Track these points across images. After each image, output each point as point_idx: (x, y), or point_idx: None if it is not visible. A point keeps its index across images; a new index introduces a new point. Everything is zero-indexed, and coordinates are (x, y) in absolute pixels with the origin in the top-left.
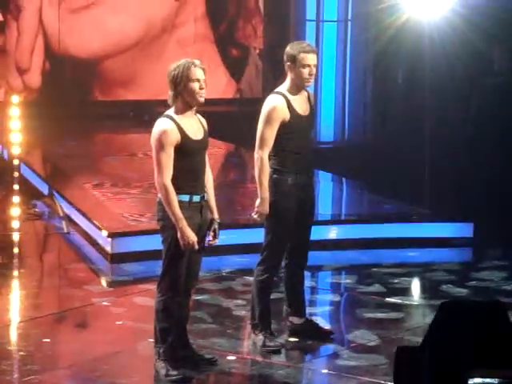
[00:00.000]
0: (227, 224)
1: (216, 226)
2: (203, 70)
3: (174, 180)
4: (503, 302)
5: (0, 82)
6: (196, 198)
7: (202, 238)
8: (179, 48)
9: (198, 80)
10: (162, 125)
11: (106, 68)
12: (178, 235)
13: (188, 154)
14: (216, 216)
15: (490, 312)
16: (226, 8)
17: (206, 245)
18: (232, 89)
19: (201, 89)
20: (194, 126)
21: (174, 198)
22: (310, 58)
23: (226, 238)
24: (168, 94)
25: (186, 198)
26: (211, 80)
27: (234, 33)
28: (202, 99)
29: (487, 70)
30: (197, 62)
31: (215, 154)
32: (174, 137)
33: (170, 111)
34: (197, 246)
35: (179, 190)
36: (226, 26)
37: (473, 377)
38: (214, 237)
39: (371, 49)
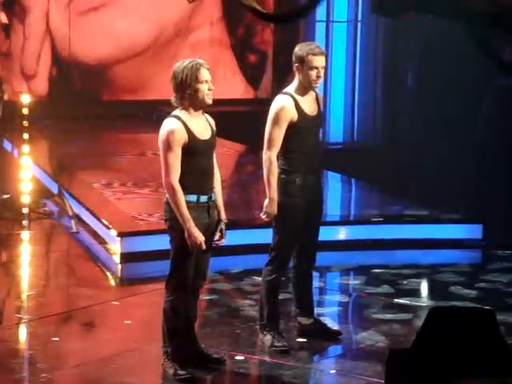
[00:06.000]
0: (236, 224)
1: (223, 226)
2: (209, 70)
3: (182, 180)
4: (493, 310)
5: (5, 86)
6: (203, 199)
7: (209, 237)
8: (193, 53)
9: (207, 81)
10: (169, 125)
11: (116, 74)
12: (186, 235)
13: (195, 153)
14: (223, 216)
15: (480, 320)
16: (244, 12)
17: (213, 245)
18: (250, 96)
19: (209, 90)
20: (202, 125)
21: (182, 199)
22: (318, 60)
23: (235, 238)
24: (173, 95)
25: (193, 198)
26: (227, 86)
27: (252, 38)
28: (210, 100)
29: (499, 70)
30: (202, 61)
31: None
32: (182, 136)
33: (177, 111)
34: (204, 246)
35: (186, 190)
36: (244, 31)
37: None
38: (221, 237)
39: (381, 49)
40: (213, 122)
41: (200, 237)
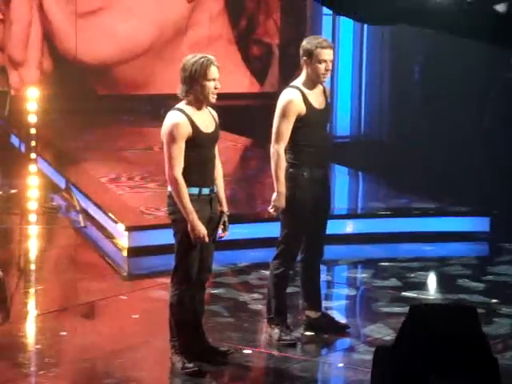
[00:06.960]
0: (243, 217)
1: (225, 219)
2: (218, 68)
3: (183, 173)
4: (475, 307)
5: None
6: (205, 191)
7: (212, 230)
8: (195, 48)
9: (214, 79)
10: (173, 118)
11: (116, 75)
12: (189, 228)
13: (198, 146)
14: (225, 209)
15: (462, 317)
16: (245, 4)
17: (216, 238)
18: (255, 90)
19: (215, 88)
20: (206, 118)
21: (185, 191)
22: (327, 54)
23: (242, 231)
24: (179, 87)
25: (195, 190)
26: (232, 80)
27: (255, 29)
28: (213, 99)
29: (504, 63)
30: (213, 58)
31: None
32: (186, 130)
33: (181, 104)
34: (207, 239)
35: (188, 183)
36: (246, 23)
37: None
38: (224, 230)
39: (388, 42)
40: (216, 115)
41: (203, 229)
